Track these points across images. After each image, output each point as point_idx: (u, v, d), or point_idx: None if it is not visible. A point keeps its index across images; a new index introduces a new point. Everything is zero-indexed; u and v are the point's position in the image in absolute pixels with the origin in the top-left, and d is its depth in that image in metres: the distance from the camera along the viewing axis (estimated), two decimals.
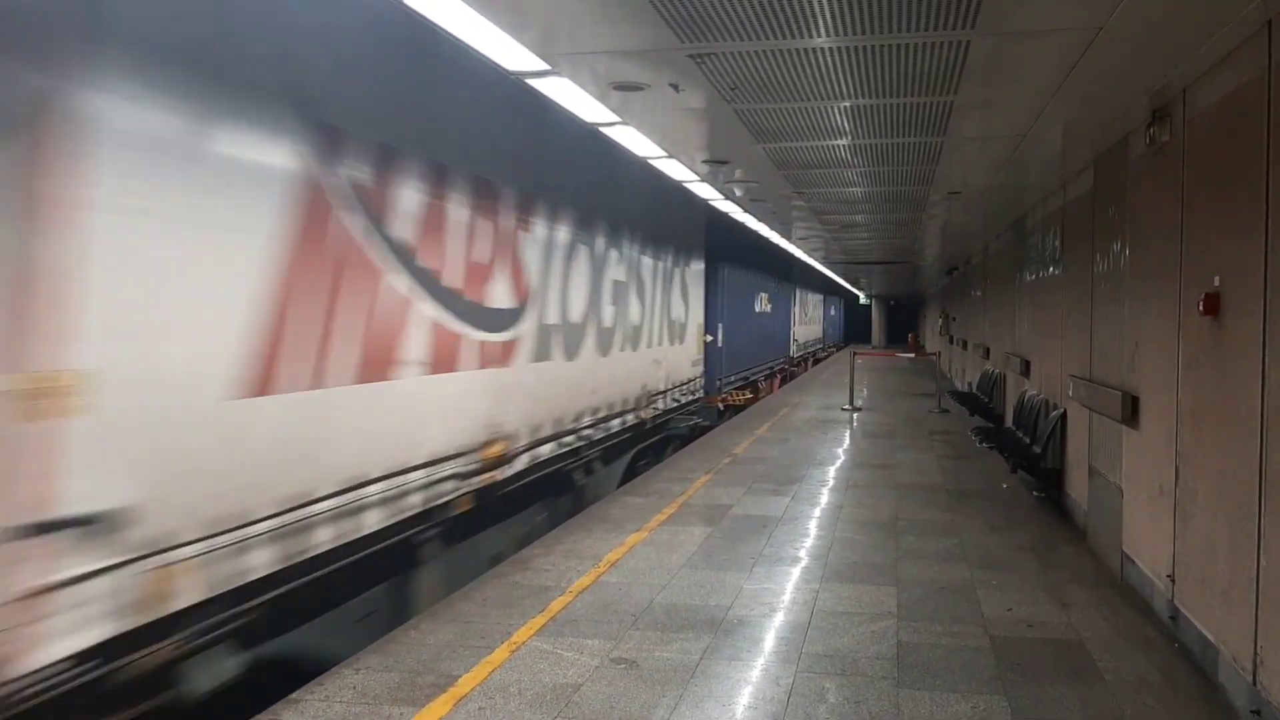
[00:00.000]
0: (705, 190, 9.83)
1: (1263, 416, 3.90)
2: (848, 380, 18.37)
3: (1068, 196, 8.35)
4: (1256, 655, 3.98)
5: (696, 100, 5.80)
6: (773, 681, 4.54)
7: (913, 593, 5.91)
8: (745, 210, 11.70)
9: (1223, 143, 4.50)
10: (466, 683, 4.46)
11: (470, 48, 4.65)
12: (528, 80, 5.27)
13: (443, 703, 4.24)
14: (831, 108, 6.02)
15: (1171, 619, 5.17)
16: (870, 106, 5.96)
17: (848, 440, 13.32)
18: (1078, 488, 7.79)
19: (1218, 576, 4.47)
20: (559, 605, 5.60)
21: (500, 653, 4.84)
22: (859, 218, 12.65)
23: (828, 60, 4.90)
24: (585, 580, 6.11)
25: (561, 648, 4.93)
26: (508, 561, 6.65)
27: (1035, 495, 9.09)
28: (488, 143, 7.42)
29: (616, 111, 6.05)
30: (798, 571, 6.42)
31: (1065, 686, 4.51)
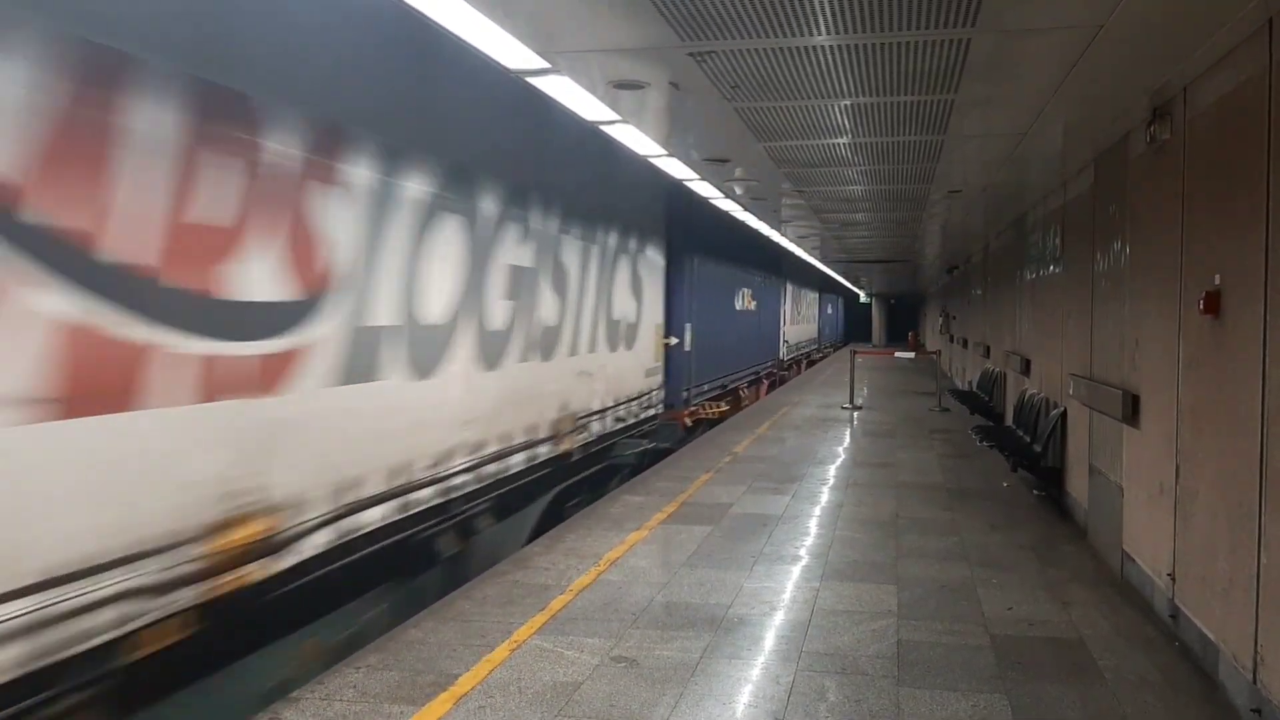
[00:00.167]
0: (704, 188, 9.79)
1: (1263, 415, 3.90)
2: (848, 379, 18.38)
3: (1068, 195, 8.34)
4: (1257, 654, 3.99)
5: (696, 98, 5.80)
6: (773, 680, 4.55)
7: (913, 591, 5.92)
8: (745, 209, 11.69)
9: (1223, 141, 4.50)
10: (467, 681, 4.46)
11: None
12: (528, 79, 5.23)
13: (443, 701, 4.25)
14: (832, 106, 6.01)
15: (1172, 618, 5.18)
16: (871, 105, 5.96)
17: (848, 439, 13.32)
18: (1078, 486, 7.79)
19: (1218, 575, 4.47)
20: (559, 604, 5.61)
21: (500, 651, 4.84)
22: (859, 216, 12.64)
23: (828, 58, 4.90)
24: (585, 579, 6.12)
25: (562, 646, 4.93)
26: (508, 560, 6.65)
27: (1035, 494, 9.09)
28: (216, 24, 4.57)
29: (616, 110, 6.05)
30: (798, 570, 6.42)
31: (1066, 685, 4.51)
